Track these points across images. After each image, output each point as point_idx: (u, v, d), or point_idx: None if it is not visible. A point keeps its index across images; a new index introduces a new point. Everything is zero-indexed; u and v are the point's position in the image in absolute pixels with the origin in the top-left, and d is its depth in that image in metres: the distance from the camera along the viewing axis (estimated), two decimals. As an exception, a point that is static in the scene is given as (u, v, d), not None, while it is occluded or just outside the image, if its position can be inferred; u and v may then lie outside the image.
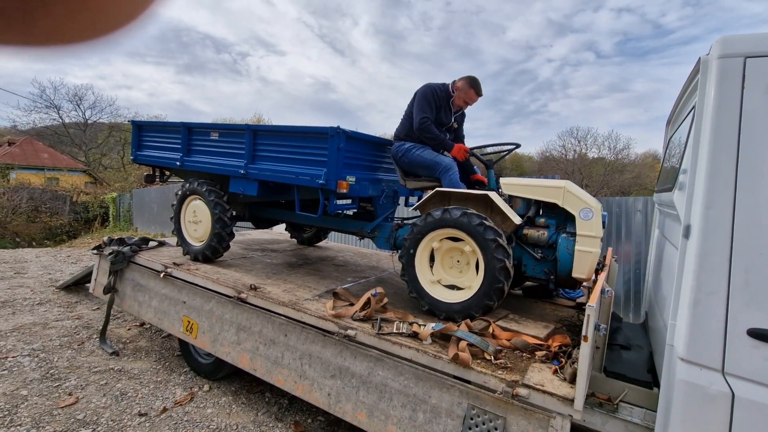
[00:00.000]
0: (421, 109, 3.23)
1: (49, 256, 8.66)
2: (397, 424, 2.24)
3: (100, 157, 28.15)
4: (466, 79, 3.28)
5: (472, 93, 3.29)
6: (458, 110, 3.44)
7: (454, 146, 3.20)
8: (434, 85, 3.31)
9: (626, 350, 2.52)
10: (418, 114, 3.22)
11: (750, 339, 1.51)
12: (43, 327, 4.37)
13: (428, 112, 3.22)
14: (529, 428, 1.90)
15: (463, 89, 3.28)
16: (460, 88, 3.28)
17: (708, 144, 1.60)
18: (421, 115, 3.21)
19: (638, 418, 1.96)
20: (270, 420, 3.01)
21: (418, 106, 3.24)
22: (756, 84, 1.54)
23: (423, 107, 3.23)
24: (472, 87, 3.27)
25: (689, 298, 1.61)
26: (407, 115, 3.39)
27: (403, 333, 2.41)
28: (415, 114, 3.24)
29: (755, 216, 1.52)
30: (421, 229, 2.77)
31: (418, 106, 3.24)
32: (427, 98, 3.24)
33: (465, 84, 3.27)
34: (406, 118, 3.39)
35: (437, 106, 3.26)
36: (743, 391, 1.52)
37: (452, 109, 3.37)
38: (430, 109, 3.23)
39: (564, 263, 2.64)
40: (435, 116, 3.26)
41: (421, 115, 3.21)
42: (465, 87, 3.27)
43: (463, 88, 3.28)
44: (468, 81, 3.27)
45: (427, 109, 3.22)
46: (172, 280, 3.55)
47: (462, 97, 3.30)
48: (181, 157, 3.94)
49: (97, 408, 2.96)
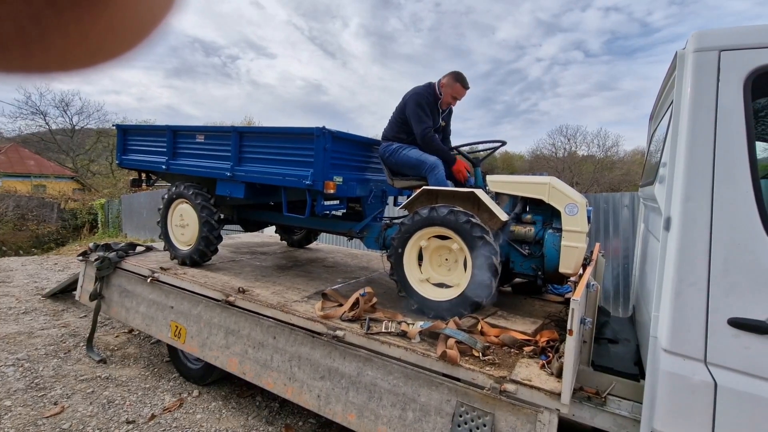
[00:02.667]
0: (419, 119, 3.16)
1: (35, 264, 8.52)
2: (387, 423, 2.23)
3: (88, 164, 27.77)
4: (451, 75, 3.27)
5: (459, 87, 3.28)
6: (446, 108, 3.43)
7: (456, 161, 3.16)
8: (420, 89, 3.29)
9: (614, 344, 2.54)
10: (419, 125, 3.15)
11: (731, 328, 1.53)
12: (28, 336, 4.29)
13: (428, 120, 3.18)
14: (517, 424, 1.90)
15: (449, 85, 3.26)
16: (446, 85, 3.27)
17: (685, 137, 1.62)
18: (423, 126, 3.14)
19: (626, 410, 1.97)
20: (260, 424, 2.98)
21: (415, 117, 3.18)
22: (730, 76, 1.57)
23: (421, 117, 3.17)
24: (458, 81, 3.26)
25: (671, 290, 1.63)
26: (396, 117, 3.37)
27: (392, 332, 2.40)
28: (415, 126, 3.18)
29: (733, 207, 1.54)
30: (408, 228, 2.76)
31: (415, 116, 3.18)
32: (421, 106, 3.19)
33: (450, 79, 3.26)
34: (394, 120, 3.38)
35: (430, 111, 3.24)
36: (725, 381, 1.54)
37: (440, 110, 3.37)
38: (428, 117, 3.19)
39: (551, 259, 2.66)
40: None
41: (423, 126, 3.14)
42: (451, 82, 3.26)
43: (449, 83, 3.26)
44: (453, 76, 3.26)
45: (425, 118, 3.17)
46: (160, 285, 3.51)
47: (449, 93, 3.28)
48: (167, 160, 3.90)
49: (84, 417, 2.91)
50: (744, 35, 1.58)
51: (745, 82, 1.55)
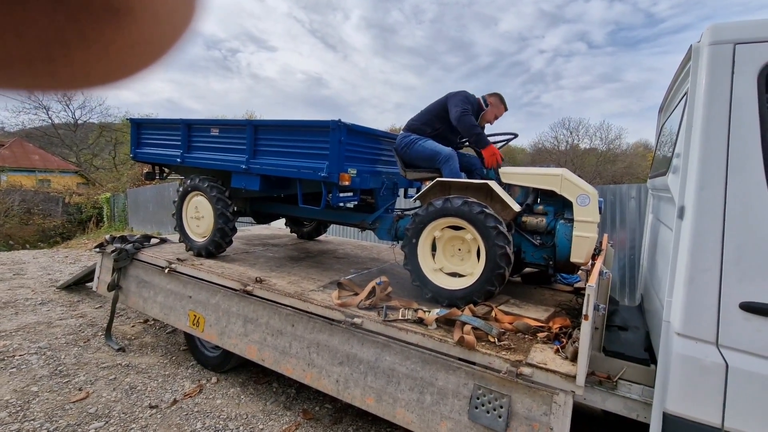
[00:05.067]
0: (461, 105, 3.22)
1: (46, 257, 8.63)
2: (406, 406, 2.32)
3: (92, 158, 27.83)
4: (498, 96, 3.40)
5: (503, 108, 3.44)
6: (485, 124, 3.49)
7: (489, 146, 3.14)
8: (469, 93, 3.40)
9: (624, 331, 2.61)
10: (458, 107, 3.21)
11: (742, 312, 1.59)
12: (48, 326, 4.39)
13: (467, 105, 3.24)
14: (533, 405, 1.98)
15: (496, 105, 3.40)
16: (494, 105, 3.39)
17: (700, 128, 1.67)
18: (462, 107, 3.20)
19: (636, 394, 2.04)
20: (279, 409, 3.08)
21: (455, 101, 3.25)
22: (745, 69, 1.62)
23: (461, 102, 3.24)
24: (503, 103, 3.43)
25: (684, 276, 1.69)
26: (429, 109, 3.43)
27: (409, 319, 2.48)
28: (453, 108, 3.23)
29: (746, 195, 1.60)
30: (423, 218, 2.83)
31: (455, 101, 3.25)
32: (468, 100, 3.29)
33: (497, 100, 3.40)
34: (426, 112, 3.43)
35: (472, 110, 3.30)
36: (736, 362, 1.60)
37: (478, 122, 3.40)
38: (469, 105, 3.26)
39: (562, 249, 2.72)
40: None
41: (462, 107, 3.20)
42: (497, 103, 3.40)
43: (496, 104, 3.40)
44: (499, 98, 3.41)
45: (466, 104, 3.25)
46: (177, 276, 3.59)
47: (494, 112, 3.41)
48: (182, 153, 3.96)
49: (108, 402, 3.01)
50: (759, 29, 1.62)
51: (759, 75, 1.60)
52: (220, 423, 2.84)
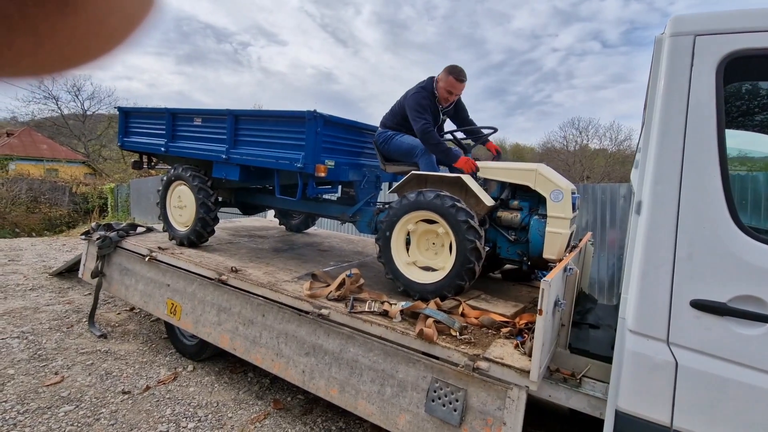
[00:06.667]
0: (417, 117, 3.04)
1: (44, 244, 8.75)
2: (367, 398, 2.31)
3: (100, 149, 28.16)
4: (445, 69, 3.15)
5: (452, 80, 3.11)
6: (447, 105, 3.27)
7: (460, 158, 2.98)
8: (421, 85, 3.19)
9: (595, 329, 2.58)
10: (417, 121, 3.03)
11: (693, 310, 1.56)
12: (34, 311, 4.45)
13: (426, 117, 3.05)
14: (488, 400, 1.96)
15: (443, 79, 3.13)
16: (440, 80, 3.15)
17: (658, 121, 1.64)
18: (422, 123, 3.01)
19: (600, 392, 2.01)
20: (250, 398, 3.09)
21: (413, 115, 3.06)
22: (704, 61, 1.57)
23: (419, 114, 3.04)
24: (451, 74, 3.11)
25: (638, 272, 1.66)
26: (396, 109, 3.31)
27: (374, 311, 2.47)
28: (413, 122, 3.06)
29: (700, 192, 1.56)
30: (396, 211, 2.81)
31: (413, 114, 3.06)
32: (420, 104, 3.07)
33: (443, 74, 3.14)
34: (396, 111, 3.30)
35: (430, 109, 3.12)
36: (686, 360, 1.57)
37: (439, 107, 3.24)
38: (427, 114, 3.06)
39: (535, 245, 2.69)
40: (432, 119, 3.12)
41: (422, 123, 3.01)
42: (444, 77, 3.13)
43: (443, 78, 3.13)
44: (446, 70, 3.14)
45: (424, 115, 3.05)
46: (157, 264, 3.61)
47: (443, 88, 3.13)
48: (166, 142, 3.97)
49: (82, 386, 3.04)
50: (720, 20, 1.58)
51: (718, 68, 1.55)
52: (189, 410, 2.86)
